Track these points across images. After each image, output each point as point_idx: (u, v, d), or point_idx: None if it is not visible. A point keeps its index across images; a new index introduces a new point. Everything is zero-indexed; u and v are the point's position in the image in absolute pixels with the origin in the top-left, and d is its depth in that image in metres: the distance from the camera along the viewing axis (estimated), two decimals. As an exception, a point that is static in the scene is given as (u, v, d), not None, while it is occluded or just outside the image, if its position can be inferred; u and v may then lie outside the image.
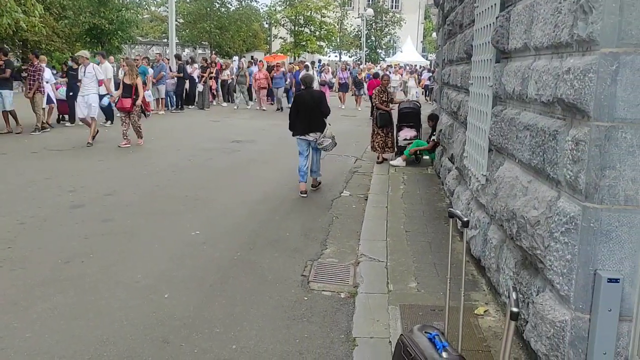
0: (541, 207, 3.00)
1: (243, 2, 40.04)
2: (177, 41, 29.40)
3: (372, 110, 11.71)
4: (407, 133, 10.39)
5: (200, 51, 47.69)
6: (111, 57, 15.12)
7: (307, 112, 7.62)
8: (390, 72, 21.86)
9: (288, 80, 20.22)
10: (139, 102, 11.04)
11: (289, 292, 4.49)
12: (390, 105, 10.32)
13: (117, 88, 14.32)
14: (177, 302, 4.22)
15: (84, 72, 11.46)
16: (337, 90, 23.24)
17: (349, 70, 25.62)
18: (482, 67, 4.88)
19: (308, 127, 7.64)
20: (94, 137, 11.25)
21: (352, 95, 22.64)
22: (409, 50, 51.82)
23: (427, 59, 55.63)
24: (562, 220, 2.72)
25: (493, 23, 4.41)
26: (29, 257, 5.07)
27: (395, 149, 10.42)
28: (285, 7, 40.64)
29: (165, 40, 47.41)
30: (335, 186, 8.42)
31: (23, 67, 12.63)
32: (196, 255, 5.24)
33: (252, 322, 3.95)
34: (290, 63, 24.65)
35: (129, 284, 4.52)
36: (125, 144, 10.95)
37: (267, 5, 43.86)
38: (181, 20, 37.46)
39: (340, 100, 22.09)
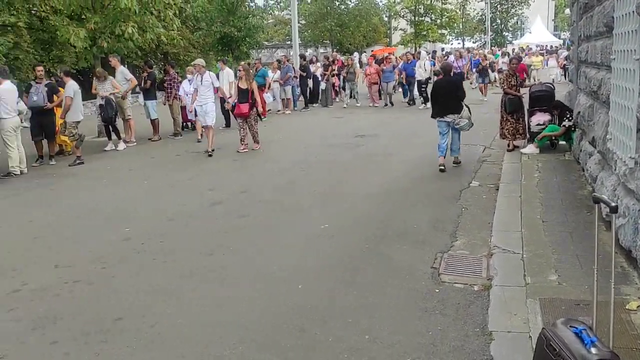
0: None
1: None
2: (300, 42, 30.35)
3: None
4: (540, 117, 9.74)
5: (322, 50, 48.76)
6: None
7: (445, 97, 8.57)
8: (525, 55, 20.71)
9: (401, 73, 18.88)
10: (258, 108, 11.06)
11: (419, 284, 4.45)
12: (521, 90, 9.79)
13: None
14: (310, 292, 4.36)
15: (201, 80, 11.11)
16: None
17: (466, 57, 24.33)
18: (626, 40, 4.45)
19: (446, 109, 8.55)
20: (213, 149, 10.86)
21: (472, 85, 21.55)
22: (538, 31, 48.63)
23: (559, 37, 51.85)
24: None
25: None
26: (178, 249, 5.54)
27: (528, 135, 9.85)
28: (404, -1, 40.13)
29: (289, 42, 49.07)
30: (463, 176, 8.16)
31: (164, 78, 13.79)
32: (326, 248, 5.38)
33: (383, 313, 3.97)
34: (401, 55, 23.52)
35: (266, 275, 4.76)
36: (244, 149, 10.91)
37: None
38: (303, 22, 38.56)
39: None
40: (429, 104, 15.99)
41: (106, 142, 12.14)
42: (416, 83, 17.97)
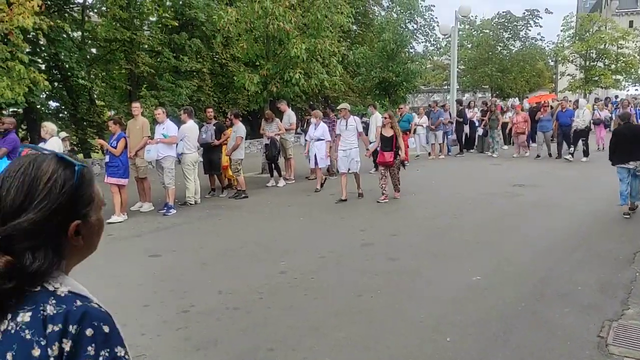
0: None
1: (526, 42, 38.79)
2: (458, 87, 30.07)
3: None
4: None
5: (480, 95, 47.77)
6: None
7: (627, 144, 8.63)
8: None
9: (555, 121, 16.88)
10: (402, 155, 10.46)
11: (582, 352, 4.08)
12: None
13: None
14: (459, 346, 4.22)
15: (346, 125, 10.94)
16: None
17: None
18: None
19: (628, 156, 8.56)
20: (360, 192, 10.86)
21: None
22: None
23: None
24: None
25: None
26: (327, 288, 5.72)
27: None
28: (574, 42, 37.90)
29: (447, 87, 48.79)
30: (639, 238, 7.36)
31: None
32: (478, 301, 5.18)
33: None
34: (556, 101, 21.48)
35: (413, 322, 4.71)
36: (384, 199, 10.24)
37: (553, 43, 41.47)
38: (462, 67, 38.22)
39: None
40: (586, 159, 15.42)
41: (268, 178, 13.05)
42: (572, 133, 15.95)
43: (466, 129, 18.95)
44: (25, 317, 1.08)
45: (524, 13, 37.52)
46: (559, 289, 5.46)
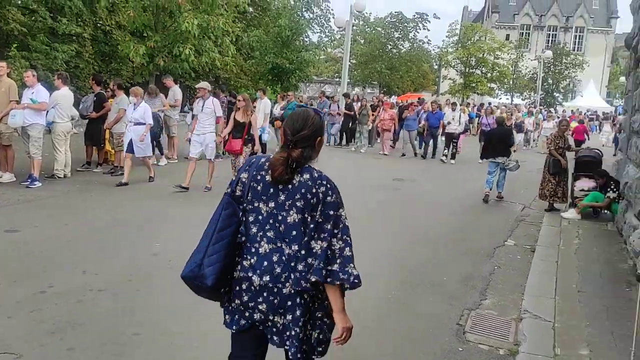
0: None
1: (415, 44, 40.61)
2: (349, 80, 30.75)
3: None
4: (585, 183, 9.54)
5: (369, 90, 49.32)
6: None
7: (498, 143, 10.45)
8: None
9: (422, 122, 17.35)
10: (257, 147, 9.34)
11: (442, 339, 4.31)
12: (566, 153, 9.64)
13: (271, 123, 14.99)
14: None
15: (202, 106, 9.64)
16: (480, 140, 17.73)
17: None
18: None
19: (498, 152, 10.37)
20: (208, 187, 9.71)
21: None
22: (590, 95, 48.09)
23: (611, 104, 51.03)
24: None
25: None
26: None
27: (570, 200, 9.62)
28: (457, 49, 40.38)
29: (338, 79, 49.84)
30: (499, 233, 7.98)
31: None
32: (353, 292, 5.27)
33: (402, 365, 3.85)
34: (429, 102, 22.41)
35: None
36: None
37: (438, 47, 43.82)
38: (354, 61, 39.14)
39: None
40: (453, 161, 15.90)
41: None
42: (446, 136, 16.70)
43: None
44: (305, 175, 2.38)
45: (414, 15, 39.26)
46: (427, 279, 5.75)
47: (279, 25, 27.87)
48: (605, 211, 9.08)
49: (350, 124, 19.05)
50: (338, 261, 2.33)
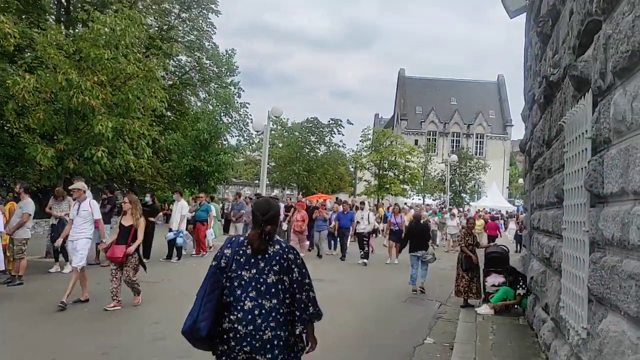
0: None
1: (330, 147, 42.28)
2: (268, 182, 31.12)
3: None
4: (495, 279, 9.87)
5: (288, 192, 49.99)
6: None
7: (417, 237, 11.46)
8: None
9: (332, 223, 17.26)
10: (131, 249, 8.21)
11: None
12: (476, 250, 10.05)
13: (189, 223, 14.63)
14: None
15: (78, 209, 8.81)
16: (387, 239, 17.62)
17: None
18: (575, 212, 4.66)
19: (417, 246, 11.31)
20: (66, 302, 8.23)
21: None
22: (494, 195, 51.48)
23: (513, 204, 54.73)
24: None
25: (585, 167, 4.29)
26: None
27: (483, 295, 9.89)
28: (371, 152, 42.43)
29: (257, 181, 50.07)
30: (418, 332, 7.96)
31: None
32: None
33: None
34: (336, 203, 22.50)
35: None
36: (114, 306, 8.17)
37: (353, 150, 45.87)
38: (272, 164, 39.95)
39: (390, 252, 16.67)
40: (366, 261, 15.54)
41: (52, 263, 11.62)
42: (357, 236, 16.57)
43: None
44: (276, 246, 3.26)
45: (329, 121, 41.30)
46: (347, 384, 5.52)
47: (198, 128, 28.23)
48: (516, 306, 9.38)
49: None
50: (312, 305, 3.36)
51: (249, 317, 3.17)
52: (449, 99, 70.60)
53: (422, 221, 12.75)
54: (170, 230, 13.80)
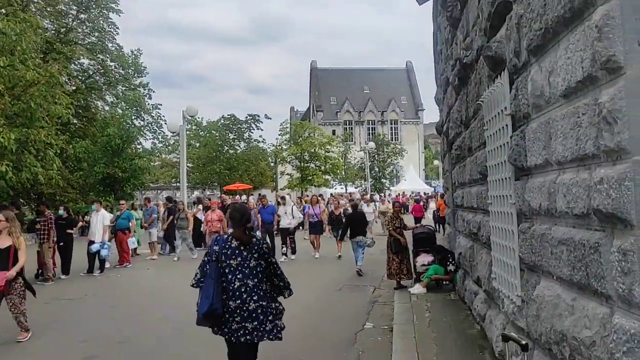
0: (594, 326, 2.79)
1: (250, 144, 41.80)
2: (188, 184, 30.33)
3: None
4: (424, 258, 10.21)
5: (208, 192, 49.05)
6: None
7: (356, 224, 12.64)
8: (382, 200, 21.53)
9: (255, 221, 15.30)
10: (12, 273, 6.98)
11: None
12: (403, 231, 10.33)
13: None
14: None
15: None
16: (309, 233, 17.09)
17: (326, 204, 22.44)
18: (500, 186, 4.87)
19: (356, 233, 12.44)
20: None
21: (331, 236, 18.53)
22: (412, 178, 53.25)
23: (430, 185, 56.89)
24: (622, 338, 2.50)
25: (507, 143, 4.49)
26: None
27: (414, 275, 10.19)
28: (291, 146, 42.43)
29: (176, 184, 48.71)
30: (358, 319, 8.06)
31: (37, 220, 12.60)
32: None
33: None
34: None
35: None
36: (24, 337, 7.22)
37: (274, 145, 45.67)
38: (191, 165, 38.96)
39: (314, 246, 15.75)
40: (293, 256, 14.94)
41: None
42: (281, 232, 15.53)
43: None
44: (254, 240, 4.54)
45: (247, 117, 40.76)
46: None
47: (108, 134, 26.99)
48: (447, 282, 9.75)
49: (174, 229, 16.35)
50: (282, 282, 4.66)
51: (237, 293, 4.29)
52: (362, 88, 72.16)
53: (359, 209, 13.91)
54: (92, 242, 13.08)
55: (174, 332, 7.50)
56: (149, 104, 31.76)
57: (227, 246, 4.38)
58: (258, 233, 16.16)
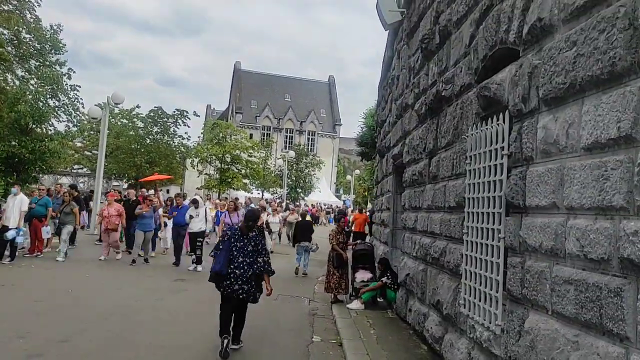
0: (606, 363, 3.05)
1: (175, 139, 39.95)
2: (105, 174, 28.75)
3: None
4: (363, 275, 10.43)
5: (115, 183, 46.81)
6: None
7: (303, 231, 14.29)
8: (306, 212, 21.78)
9: (158, 221, 14.91)
10: None
11: None
12: (347, 247, 10.53)
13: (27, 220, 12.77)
14: None
15: None
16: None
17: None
18: (485, 219, 5.11)
19: (303, 238, 14.06)
20: None
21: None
22: (324, 191, 54.26)
23: (340, 199, 58.12)
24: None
25: (500, 180, 4.77)
26: None
27: (351, 291, 10.39)
28: (213, 145, 41.42)
29: (78, 170, 46.28)
30: (303, 331, 8.11)
31: None
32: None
33: None
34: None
35: None
36: None
37: (198, 143, 44.38)
38: (96, 152, 36.85)
39: None
40: (200, 267, 12.86)
41: None
42: (189, 236, 13.69)
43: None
44: (254, 232, 6.90)
45: (175, 112, 39.02)
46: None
47: (17, 111, 24.99)
48: (380, 299, 10.03)
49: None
50: (268, 264, 6.62)
51: (241, 265, 6.46)
52: (284, 96, 72.51)
53: (306, 218, 15.93)
54: (7, 227, 12.04)
55: (113, 334, 7.14)
56: (67, 84, 29.78)
57: (236, 233, 6.70)
58: (162, 234, 15.58)
